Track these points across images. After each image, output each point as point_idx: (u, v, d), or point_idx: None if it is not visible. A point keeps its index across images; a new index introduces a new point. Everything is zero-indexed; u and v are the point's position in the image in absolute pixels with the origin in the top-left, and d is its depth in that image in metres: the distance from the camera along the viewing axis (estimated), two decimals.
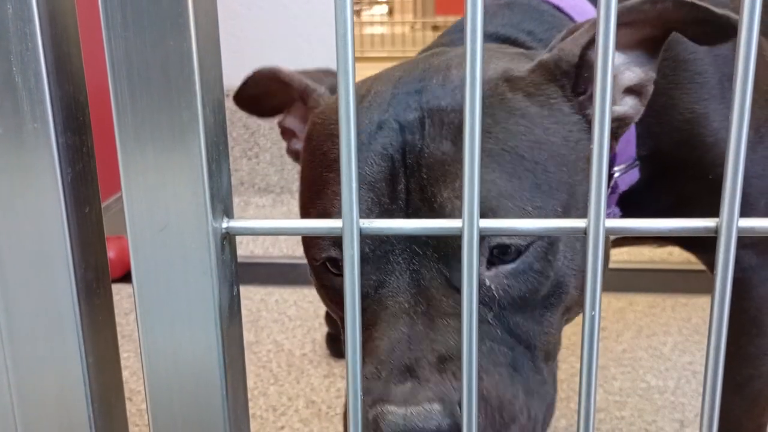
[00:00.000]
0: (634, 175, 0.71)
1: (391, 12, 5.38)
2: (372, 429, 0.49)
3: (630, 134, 0.70)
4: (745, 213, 0.33)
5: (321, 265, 0.60)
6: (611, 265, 0.69)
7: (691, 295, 1.45)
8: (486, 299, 0.54)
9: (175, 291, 0.37)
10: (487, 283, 0.54)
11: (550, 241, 0.55)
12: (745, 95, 0.33)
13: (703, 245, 0.77)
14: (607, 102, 0.34)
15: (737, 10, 0.34)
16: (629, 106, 0.62)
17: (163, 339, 0.38)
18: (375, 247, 0.54)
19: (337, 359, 1.26)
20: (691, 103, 0.70)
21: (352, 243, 0.36)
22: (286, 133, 0.77)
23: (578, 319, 0.62)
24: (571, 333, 1.32)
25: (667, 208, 0.74)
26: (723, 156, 0.75)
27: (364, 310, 0.54)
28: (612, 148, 0.66)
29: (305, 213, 0.63)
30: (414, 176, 0.54)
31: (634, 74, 0.61)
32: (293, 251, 1.71)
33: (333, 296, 0.61)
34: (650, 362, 1.23)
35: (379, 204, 0.55)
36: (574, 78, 0.59)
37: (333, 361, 1.26)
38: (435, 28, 4.72)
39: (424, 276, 0.53)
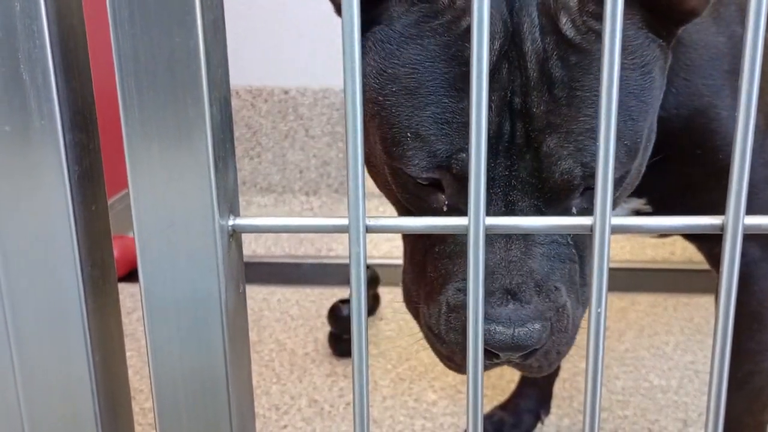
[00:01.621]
0: None
1: None
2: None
3: None
4: (748, 201, 0.33)
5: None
6: (614, 265, 0.69)
7: (693, 294, 1.45)
8: None
9: (181, 288, 0.37)
10: (572, 209, 0.58)
11: (627, 171, 0.59)
12: (751, 98, 0.33)
13: (702, 235, 0.76)
14: (613, 109, 0.34)
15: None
16: None
17: (170, 336, 0.38)
18: None
19: (339, 358, 1.26)
20: (713, 71, 0.69)
21: (359, 241, 0.36)
22: None
23: (582, 320, 0.63)
24: None
25: (679, 191, 0.73)
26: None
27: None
28: (669, 42, 0.64)
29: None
30: (520, 119, 0.55)
31: None
32: (295, 250, 1.71)
33: (410, 199, 0.62)
34: (653, 362, 1.23)
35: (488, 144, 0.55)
36: None
37: (335, 360, 1.26)
38: None
39: (520, 207, 0.57)
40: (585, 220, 0.36)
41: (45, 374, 0.39)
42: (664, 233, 0.39)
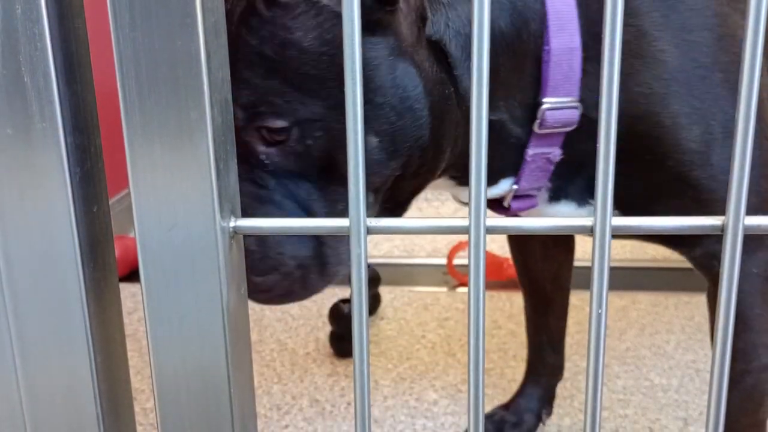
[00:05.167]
0: (572, 117, 0.67)
1: None
2: None
3: (575, 62, 0.66)
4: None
5: None
6: (614, 264, 0.68)
7: (694, 293, 1.45)
8: (268, 170, 0.63)
9: (182, 289, 0.37)
10: (264, 158, 0.63)
11: (307, 127, 0.62)
12: (751, 95, 0.33)
13: (685, 242, 0.75)
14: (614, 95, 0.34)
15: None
16: None
17: (171, 337, 0.38)
18: None
19: (340, 358, 1.26)
20: (650, 79, 0.68)
21: (359, 241, 0.36)
22: None
23: (583, 318, 0.62)
24: (574, 332, 1.32)
25: (640, 196, 0.72)
26: (683, 144, 0.71)
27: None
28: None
29: None
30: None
31: None
32: None
33: None
34: (653, 360, 1.23)
35: None
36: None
37: (337, 360, 1.26)
38: None
39: None
40: (585, 221, 0.36)
41: (47, 376, 0.39)
42: (663, 234, 0.39)
